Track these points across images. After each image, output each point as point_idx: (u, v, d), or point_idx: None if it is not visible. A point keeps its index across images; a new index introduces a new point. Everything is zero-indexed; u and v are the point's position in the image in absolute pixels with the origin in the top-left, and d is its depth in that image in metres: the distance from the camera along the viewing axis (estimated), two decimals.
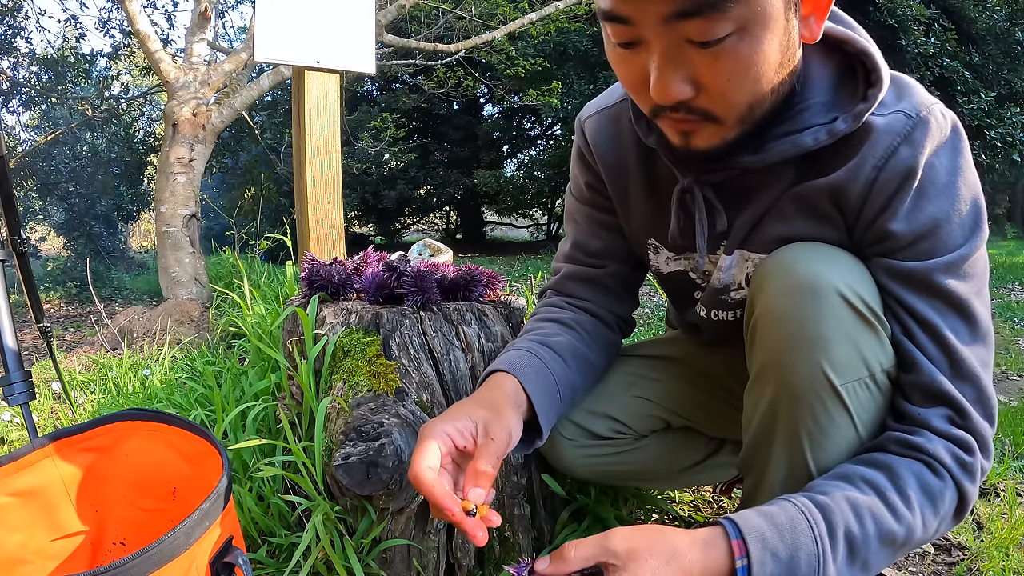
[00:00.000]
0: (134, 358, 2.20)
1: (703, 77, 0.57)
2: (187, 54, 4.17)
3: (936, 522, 0.62)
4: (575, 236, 0.92)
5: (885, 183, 0.63)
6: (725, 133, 0.62)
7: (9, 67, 6.32)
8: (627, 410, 0.95)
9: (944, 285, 0.63)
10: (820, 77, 0.66)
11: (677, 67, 0.56)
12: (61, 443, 0.81)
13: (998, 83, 7.63)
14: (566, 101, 7.44)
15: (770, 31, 0.55)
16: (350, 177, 8.39)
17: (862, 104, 0.63)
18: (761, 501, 0.74)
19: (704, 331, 0.92)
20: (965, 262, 0.63)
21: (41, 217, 7.85)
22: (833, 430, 0.66)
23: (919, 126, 0.62)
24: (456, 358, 0.98)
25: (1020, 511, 1.21)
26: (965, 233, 0.63)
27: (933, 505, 0.62)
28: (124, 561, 0.55)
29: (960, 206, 0.63)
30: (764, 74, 0.57)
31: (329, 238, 1.94)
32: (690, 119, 0.61)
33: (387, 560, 0.90)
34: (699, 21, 0.52)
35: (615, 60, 0.62)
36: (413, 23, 6.25)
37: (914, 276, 0.64)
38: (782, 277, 0.66)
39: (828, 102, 0.66)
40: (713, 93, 0.58)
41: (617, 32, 0.57)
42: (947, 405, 0.63)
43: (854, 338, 0.63)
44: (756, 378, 0.71)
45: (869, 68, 0.64)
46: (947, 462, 0.62)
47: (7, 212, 1.00)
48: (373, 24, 1.97)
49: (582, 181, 0.89)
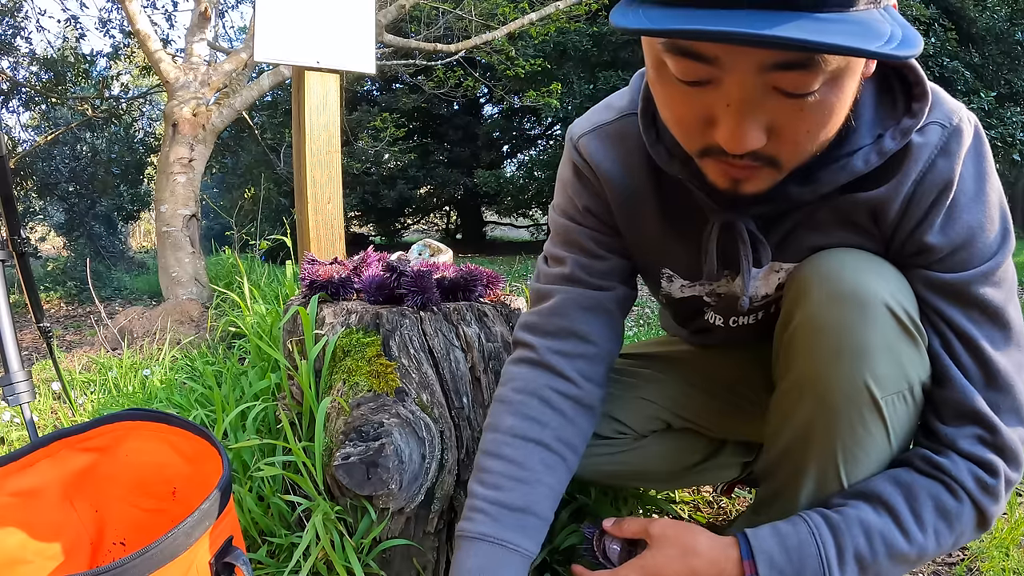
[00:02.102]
0: (134, 358, 2.20)
1: (782, 127, 0.53)
2: (187, 54, 4.17)
3: (952, 539, 0.64)
4: (576, 258, 0.81)
5: (923, 196, 0.62)
6: (779, 176, 0.58)
7: (9, 67, 6.32)
8: (627, 410, 0.95)
9: (981, 295, 0.63)
10: (863, 94, 0.62)
11: (758, 115, 0.52)
12: (61, 443, 0.80)
13: (998, 83, 7.63)
14: (566, 101, 7.45)
15: (854, 78, 0.52)
16: (350, 177, 8.39)
17: (908, 120, 0.60)
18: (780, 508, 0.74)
19: (715, 335, 0.91)
20: (999, 269, 0.63)
21: (41, 217, 7.84)
22: (869, 443, 0.66)
23: (953, 136, 0.61)
24: (456, 358, 0.98)
25: (1020, 511, 1.21)
26: (997, 240, 0.63)
27: (948, 525, 0.63)
28: (124, 561, 0.55)
29: (991, 212, 0.63)
30: (840, 120, 0.55)
31: (329, 238, 1.94)
32: (752, 166, 0.56)
33: (387, 560, 0.90)
34: (798, 74, 0.49)
35: (671, 96, 0.55)
36: (413, 23, 6.26)
37: (952, 287, 0.64)
38: (826, 285, 0.64)
39: (872, 119, 0.63)
40: (787, 143, 0.54)
41: (688, 69, 0.51)
42: (977, 423, 0.63)
43: (896, 350, 0.63)
44: (792, 387, 0.70)
45: (912, 81, 0.61)
46: (969, 486, 0.63)
47: (7, 212, 1.00)
48: (373, 24, 1.97)
49: (579, 204, 0.80)
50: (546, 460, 0.76)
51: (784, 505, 0.73)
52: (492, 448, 0.77)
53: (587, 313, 0.80)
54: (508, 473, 0.74)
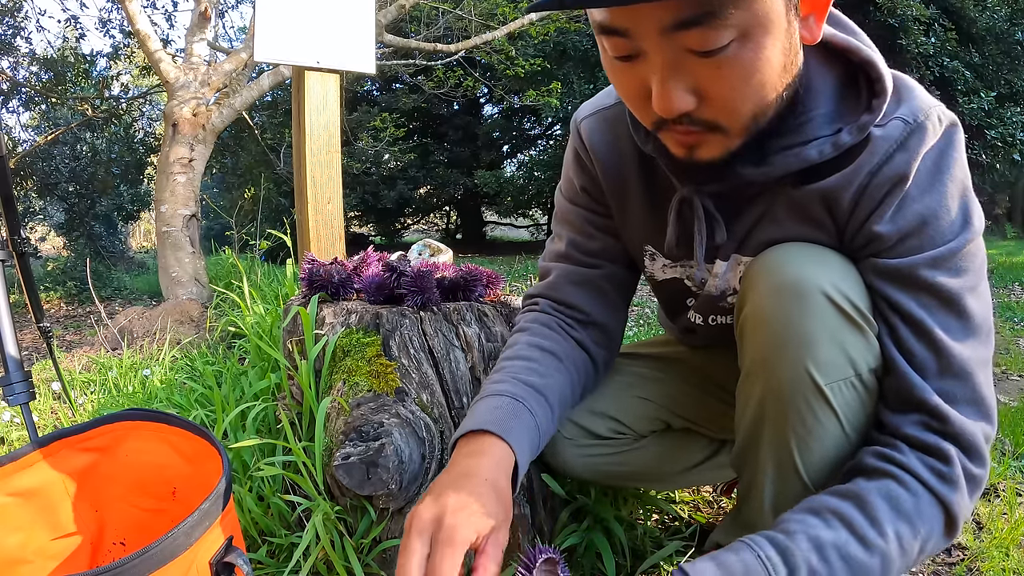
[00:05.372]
0: (134, 358, 2.20)
1: (706, 87, 0.55)
2: (187, 54, 4.17)
3: (918, 543, 0.59)
4: (570, 236, 0.88)
5: (876, 188, 0.63)
6: (729, 143, 0.60)
7: (9, 67, 6.32)
8: (627, 410, 0.95)
9: (930, 279, 0.61)
10: (823, 86, 0.64)
11: (679, 78, 0.54)
12: (61, 443, 0.80)
13: (998, 83, 7.63)
14: (566, 101, 7.44)
15: (772, 35, 0.53)
16: (350, 177, 8.40)
17: (867, 116, 0.62)
18: (754, 502, 0.75)
19: (699, 335, 0.91)
20: (955, 256, 0.61)
21: (41, 217, 7.85)
22: (820, 430, 0.66)
23: (916, 132, 0.61)
24: (456, 358, 0.98)
25: (1020, 511, 1.21)
26: (955, 229, 0.61)
27: (911, 526, 0.58)
28: (124, 561, 0.55)
29: (948, 202, 0.61)
30: (768, 80, 0.55)
31: (329, 238, 1.94)
32: (693, 131, 0.59)
33: (387, 560, 0.90)
34: (699, 30, 0.50)
35: (613, 74, 0.60)
36: (413, 23, 6.26)
37: (899, 272, 0.63)
38: (769, 277, 0.66)
39: (831, 112, 0.64)
40: (717, 103, 0.56)
41: (615, 45, 0.56)
42: (921, 411, 0.61)
43: (839, 338, 0.63)
44: (745, 377, 0.71)
45: (873, 78, 0.62)
46: (922, 475, 0.59)
47: (7, 212, 1.00)
48: (373, 24, 1.97)
49: (577, 184, 0.86)
50: (558, 367, 0.81)
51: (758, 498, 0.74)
52: (508, 354, 0.82)
53: (579, 288, 0.87)
54: (525, 366, 0.78)
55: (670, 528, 1.15)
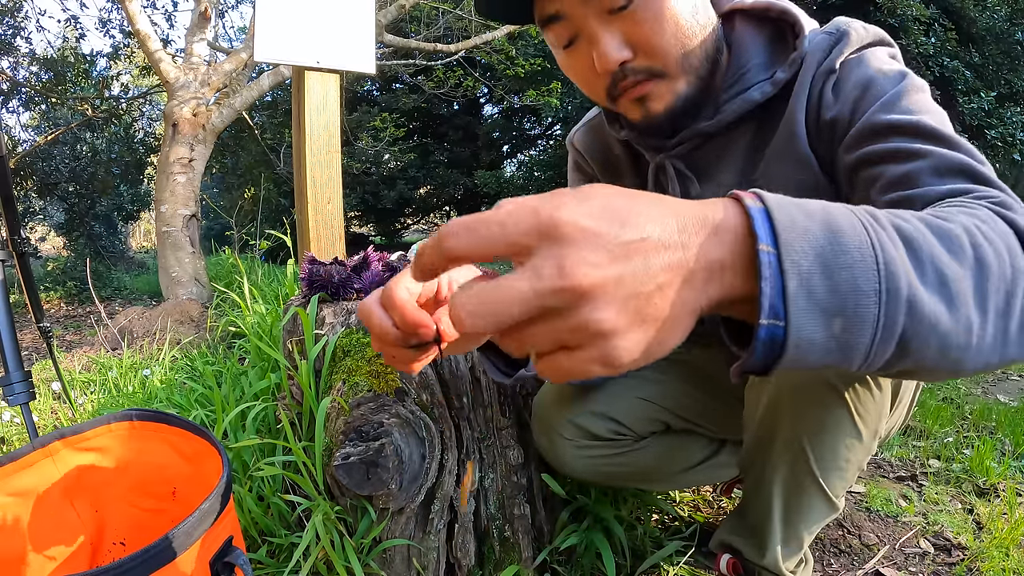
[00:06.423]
0: (134, 358, 2.20)
1: (632, 37, 0.64)
2: (187, 54, 4.17)
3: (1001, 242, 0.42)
4: None
5: (815, 87, 0.67)
6: (675, 87, 0.67)
7: (9, 67, 6.32)
8: (627, 411, 0.95)
9: (889, 120, 0.59)
10: (754, 44, 0.73)
11: (609, 35, 0.64)
12: (61, 443, 0.81)
13: (998, 83, 7.62)
14: (566, 101, 7.44)
15: None
16: (350, 177, 8.39)
17: (795, 53, 0.69)
18: (762, 501, 0.75)
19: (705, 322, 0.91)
20: (903, 95, 0.61)
21: (41, 217, 7.85)
22: (832, 424, 0.67)
23: (842, 37, 0.67)
24: (456, 358, 0.98)
25: (1020, 511, 1.21)
26: (894, 79, 0.63)
27: (990, 225, 0.44)
28: (124, 561, 0.55)
29: (880, 66, 0.65)
30: (682, 21, 0.65)
31: (329, 238, 1.94)
32: (638, 80, 0.67)
33: (387, 560, 0.90)
34: None
35: (567, 65, 0.69)
36: (413, 23, 6.26)
37: (862, 133, 0.61)
38: None
39: (766, 62, 0.72)
40: (645, 47, 0.65)
41: (557, 34, 0.66)
42: (963, 175, 0.54)
43: None
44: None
45: (791, 22, 0.70)
46: (981, 203, 0.48)
47: (7, 212, 1.00)
48: (373, 24, 1.97)
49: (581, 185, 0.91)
50: None
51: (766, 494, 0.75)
52: None
53: None
54: None
55: (670, 528, 1.15)
